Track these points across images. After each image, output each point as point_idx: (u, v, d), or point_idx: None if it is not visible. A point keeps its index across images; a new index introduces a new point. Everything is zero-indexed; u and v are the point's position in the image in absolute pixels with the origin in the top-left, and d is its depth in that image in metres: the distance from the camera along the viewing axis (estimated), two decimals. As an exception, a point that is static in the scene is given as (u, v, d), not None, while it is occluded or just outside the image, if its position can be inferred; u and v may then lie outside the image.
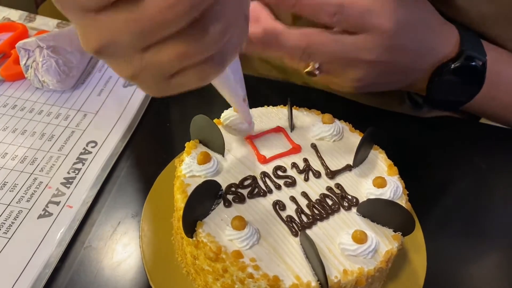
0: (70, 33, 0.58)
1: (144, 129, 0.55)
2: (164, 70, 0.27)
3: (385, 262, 0.36)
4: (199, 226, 0.37)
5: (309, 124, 0.47)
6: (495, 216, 0.52)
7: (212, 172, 0.40)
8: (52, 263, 0.40)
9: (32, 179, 0.47)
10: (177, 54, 0.25)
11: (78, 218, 0.44)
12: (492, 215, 0.52)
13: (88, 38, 0.25)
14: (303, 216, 0.39)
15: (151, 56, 0.25)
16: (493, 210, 0.53)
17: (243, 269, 0.34)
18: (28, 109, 0.54)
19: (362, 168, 0.44)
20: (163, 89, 0.28)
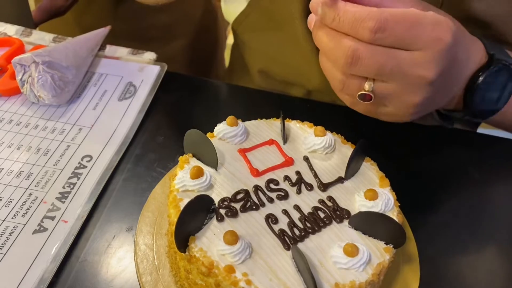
0: (66, 48, 0.59)
1: (139, 143, 0.55)
2: None
3: (376, 275, 0.37)
4: (191, 240, 0.37)
5: (302, 136, 0.47)
6: (488, 225, 0.52)
7: (205, 187, 0.41)
8: (47, 278, 0.41)
9: (27, 194, 0.47)
10: None
11: (73, 233, 0.44)
12: (485, 225, 0.52)
13: None
14: (295, 229, 0.39)
15: None
16: (487, 220, 0.53)
17: (235, 284, 0.35)
18: (24, 124, 0.55)
19: (354, 180, 0.44)
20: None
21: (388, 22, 0.38)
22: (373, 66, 0.40)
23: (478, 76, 0.48)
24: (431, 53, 0.40)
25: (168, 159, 0.53)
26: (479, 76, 0.48)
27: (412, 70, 0.40)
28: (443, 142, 0.62)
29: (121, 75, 0.63)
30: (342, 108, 0.61)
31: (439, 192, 0.55)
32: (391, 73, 0.40)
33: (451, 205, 0.55)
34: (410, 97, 0.42)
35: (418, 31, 0.39)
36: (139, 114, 0.58)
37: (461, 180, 0.57)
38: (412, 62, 0.40)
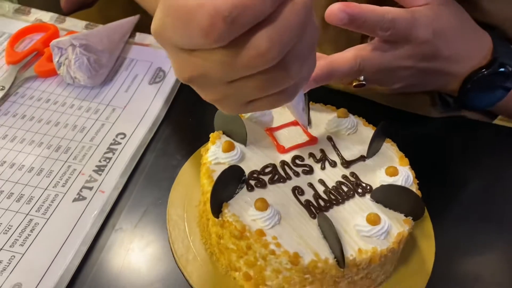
0: (100, 33, 0.62)
1: (169, 123, 0.58)
2: (244, 99, 0.30)
3: (397, 243, 0.39)
4: (224, 207, 0.40)
5: (325, 118, 0.50)
6: (505, 210, 0.55)
7: (236, 160, 0.44)
8: (87, 242, 0.44)
9: (66, 166, 0.50)
10: (259, 87, 0.29)
11: (110, 202, 0.47)
12: (502, 210, 0.54)
13: (181, 70, 0.29)
14: (320, 200, 0.42)
15: (235, 87, 0.29)
16: (504, 205, 0.55)
17: (266, 246, 0.37)
18: (60, 103, 0.58)
19: (375, 159, 0.47)
20: (239, 111, 0.32)
21: (395, 22, 0.47)
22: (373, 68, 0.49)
23: (474, 75, 0.54)
24: (411, 47, 0.49)
25: (196, 139, 0.56)
26: (474, 75, 0.54)
27: (396, 62, 0.50)
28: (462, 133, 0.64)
29: (151, 61, 0.66)
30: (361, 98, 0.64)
31: (456, 179, 0.58)
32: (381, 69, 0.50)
33: (467, 191, 0.57)
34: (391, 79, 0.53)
35: (412, 29, 0.48)
36: (168, 97, 0.61)
37: (480, 169, 0.59)
38: (396, 56, 0.49)
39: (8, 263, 0.41)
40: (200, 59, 0.27)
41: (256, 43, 0.26)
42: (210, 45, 0.26)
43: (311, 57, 0.31)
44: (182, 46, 0.27)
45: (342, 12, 0.44)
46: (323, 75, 0.46)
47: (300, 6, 0.27)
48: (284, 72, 0.28)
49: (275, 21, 0.26)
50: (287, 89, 0.30)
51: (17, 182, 0.48)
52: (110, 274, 0.43)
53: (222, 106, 0.32)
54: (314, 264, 0.37)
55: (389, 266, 0.43)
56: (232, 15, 0.25)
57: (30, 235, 0.44)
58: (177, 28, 0.26)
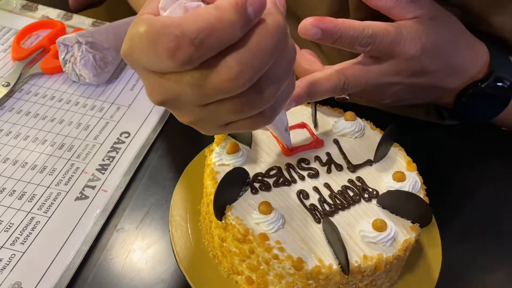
0: (107, 31, 0.61)
1: (174, 123, 0.57)
2: (221, 121, 0.30)
3: (403, 251, 0.38)
4: (228, 209, 0.39)
5: (332, 121, 0.49)
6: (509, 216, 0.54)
7: (240, 161, 0.43)
8: (89, 241, 0.43)
9: (69, 165, 0.50)
10: (234, 111, 0.28)
11: (112, 202, 0.47)
12: (508, 216, 0.53)
13: (152, 93, 0.28)
14: (325, 205, 0.41)
15: (210, 111, 0.29)
16: (509, 211, 0.54)
17: (269, 250, 0.37)
18: (65, 101, 0.58)
19: (382, 163, 0.46)
20: (217, 132, 0.32)
21: (376, 38, 0.45)
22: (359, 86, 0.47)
23: (470, 88, 0.52)
24: (397, 63, 0.47)
25: (201, 140, 0.55)
26: (470, 88, 0.52)
27: (382, 79, 0.48)
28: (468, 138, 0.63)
29: (157, 60, 0.65)
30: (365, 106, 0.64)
31: (463, 185, 0.57)
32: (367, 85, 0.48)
33: (474, 197, 0.56)
34: (379, 94, 0.51)
35: (394, 45, 0.46)
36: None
37: (486, 175, 0.58)
38: (382, 73, 0.48)
39: (8, 261, 0.41)
40: (171, 82, 0.27)
41: (226, 67, 0.26)
42: (177, 68, 0.25)
43: (287, 79, 0.30)
44: (151, 68, 0.27)
45: (314, 27, 0.42)
46: (304, 94, 0.44)
47: (272, 29, 0.26)
48: (259, 95, 0.28)
49: (246, 45, 0.26)
50: (264, 111, 0.30)
51: (19, 180, 0.48)
52: (111, 274, 0.42)
53: (199, 128, 0.31)
54: (318, 269, 0.36)
55: (394, 273, 0.42)
56: (199, 37, 0.24)
57: (31, 233, 0.43)
58: (144, 50, 0.25)
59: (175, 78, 0.26)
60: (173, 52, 0.24)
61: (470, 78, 0.52)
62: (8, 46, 0.65)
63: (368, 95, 0.52)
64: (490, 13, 0.51)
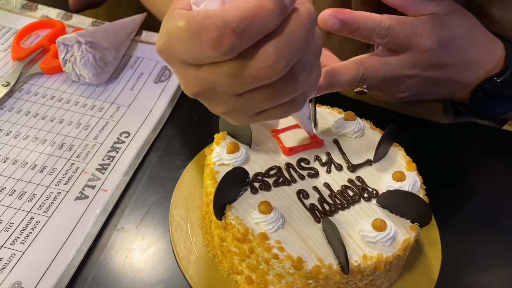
0: (106, 30, 0.61)
1: (174, 123, 0.58)
2: (254, 110, 0.31)
3: (402, 250, 0.38)
4: (228, 209, 0.39)
5: (332, 120, 0.49)
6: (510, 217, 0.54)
7: (240, 161, 0.43)
8: (89, 241, 0.43)
9: (69, 164, 0.50)
10: (268, 99, 0.29)
11: (112, 202, 0.47)
12: (508, 216, 0.53)
13: (188, 85, 0.29)
14: (325, 204, 0.41)
15: (244, 100, 0.29)
16: (509, 211, 0.54)
17: (269, 250, 0.37)
18: (65, 100, 0.58)
19: (382, 163, 0.46)
20: (249, 121, 0.32)
21: (393, 30, 0.46)
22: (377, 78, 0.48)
23: (486, 83, 0.52)
24: (414, 56, 0.48)
25: (201, 139, 0.55)
26: (486, 83, 0.52)
27: (399, 71, 0.49)
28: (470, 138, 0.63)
29: (157, 59, 0.65)
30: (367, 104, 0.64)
31: (462, 185, 0.57)
32: (384, 77, 0.48)
33: (474, 197, 0.56)
34: (396, 87, 0.51)
35: (411, 37, 0.46)
36: (173, 96, 0.60)
37: (486, 175, 0.58)
38: (399, 65, 0.48)
39: (8, 261, 0.41)
40: (208, 73, 0.27)
41: (264, 55, 0.26)
42: (219, 58, 0.26)
43: (317, 65, 0.31)
44: (190, 61, 0.27)
45: (333, 18, 0.44)
46: (324, 84, 0.45)
47: (305, 17, 0.27)
48: (292, 82, 0.29)
49: (282, 33, 0.26)
50: (296, 98, 0.30)
51: (19, 179, 0.48)
52: (110, 274, 0.42)
53: (232, 118, 0.32)
54: (318, 269, 0.36)
55: (394, 273, 0.42)
56: (241, 26, 0.25)
57: (31, 233, 0.43)
58: (184, 42, 0.26)
59: (212, 69, 0.27)
60: (216, 42, 0.25)
61: (486, 72, 0.52)
62: (8, 46, 0.65)
63: (385, 88, 0.52)
64: (491, 6, 0.52)
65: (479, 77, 0.52)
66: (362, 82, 0.48)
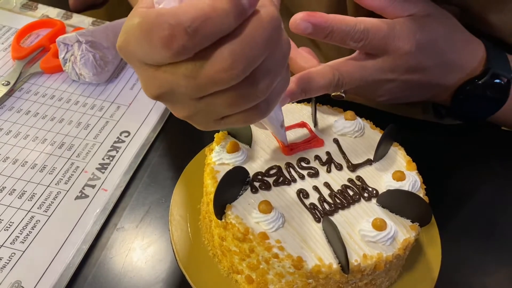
0: (106, 30, 0.61)
1: (174, 122, 0.58)
2: (216, 115, 0.30)
3: (402, 250, 0.38)
4: (228, 208, 0.39)
5: (332, 120, 0.49)
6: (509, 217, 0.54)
7: (240, 161, 0.43)
8: (89, 240, 0.43)
9: (69, 164, 0.50)
10: (229, 104, 0.28)
11: (112, 201, 0.47)
12: (508, 216, 0.54)
13: (148, 86, 0.28)
14: (325, 204, 0.41)
15: (205, 104, 0.29)
16: (508, 211, 0.54)
17: (269, 249, 0.37)
18: (65, 100, 0.58)
19: (382, 162, 0.46)
20: (212, 127, 0.32)
21: (369, 33, 0.45)
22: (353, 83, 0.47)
23: (467, 85, 0.52)
24: (392, 59, 0.47)
25: (201, 139, 0.56)
26: (467, 85, 0.52)
27: (377, 75, 0.48)
28: (468, 138, 0.63)
29: (157, 59, 0.65)
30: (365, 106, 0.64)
31: (462, 185, 0.57)
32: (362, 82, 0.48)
33: (473, 197, 0.56)
34: (374, 91, 0.51)
35: (387, 40, 0.46)
36: (173, 96, 0.60)
37: (485, 175, 0.58)
38: (376, 69, 0.47)
39: (8, 260, 0.41)
40: (166, 74, 0.27)
41: (220, 57, 0.26)
42: (173, 58, 0.25)
43: (282, 71, 0.30)
44: (147, 60, 0.27)
45: (304, 22, 0.42)
46: (298, 90, 0.44)
47: (266, 21, 0.26)
48: (253, 88, 0.28)
49: (239, 36, 0.26)
50: (259, 105, 0.30)
51: (19, 179, 0.48)
52: (111, 273, 0.42)
53: (194, 122, 0.32)
54: (318, 268, 0.36)
55: (394, 273, 0.42)
56: (193, 25, 0.24)
57: (31, 232, 0.43)
58: (139, 41, 0.26)
59: (170, 70, 0.27)
60: (167, 41, 0.24)
61: (466, 74, 0.52)
62: (8, 45, 0.65)
63: (363, 92, 0.52)
64: (489, 12, 0.51)
65: (460, 79, 0.52)
66: (337, 87, 0.47)
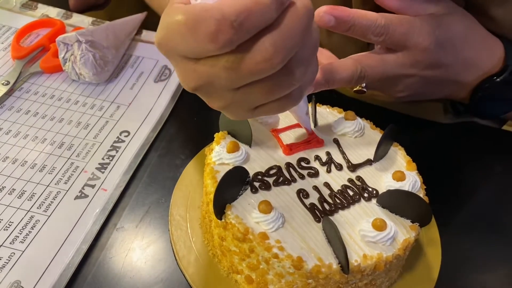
0: (106, 29, 0.61)
1: (174, 122, 0.58)
2: (251, 104, 0.31)
3: (402, 250, 0.38)
4: (228, 208, 0.39)
5: (332, 120, 0.49)
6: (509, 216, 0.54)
7: (240, 161, 0.43)
8: (88, 240, 0.43)
9: (69, 163, 0.50)
10: (265, 93, 0.29)
11: (112, 201, 0.47)
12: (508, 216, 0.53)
13: (187, 79, 0.29)
14: (325, 204, 0.41)
15: (242, 94, 0.29)
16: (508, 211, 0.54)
17: (269, 249, 0.37)
18: (65, 99, 0.58)
19: (382, 163, 0.46)
20: (247, 116, 0.33)
21: (389, 28, 0.45)
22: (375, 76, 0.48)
23: (485, 82, 0.52)
24: (411, 55, 0.48)
25: (201, 139, 0.55)
26: (485, 83, 0.52)
27: (397, 70, 0.48)
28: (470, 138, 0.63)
29: (157, 59, 0.65)
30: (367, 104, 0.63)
31: (463, 185, 0.57)
32: (382, 76, 0.48)
33: (473, 197, 0.56)
34: (394, 87, 0.51)
35: (407, 36, 0.46)
36: (174, 95, 0.60)
37: (486, 174, 0.58)
38: (396, 64, 0.48)
39: (7, 260, 0.41)
40: (206, 67, 0.27)
41: (261, 48, 0.27)
42: (217, 51, 0.26)
43: (313, 60, 0.31)
44: (188, 54, 0.27)
45: (328, 15, 0.44)
46: (322, 81, 0.45)
47: (302, 11, 0.27)
48: (289, 76, 0.29)
49: (279, 27, 0.27)
50: (293, 93, 0.31)
51: (19, 178, 0.48)
52: (110, 273, 0.42)
53: (230, 112, 0.32)
54: (318, 269, 0.36)
55: (394, 273, 0.42)
56: (239, 19, 0.25)
57: (31, 232, 0.43)
58: (183, 36, 0.26)
59: (210, 63, 0.27)
60: (214, 35, 0.25)
61: (485, 72, 0.52)
62: (7, 45, 0.65)
63: (383, 88, 0.52)
64: (491, 5, 0.52)
65: (478, 76, 0.52)
66: (359, 80, 0.48)
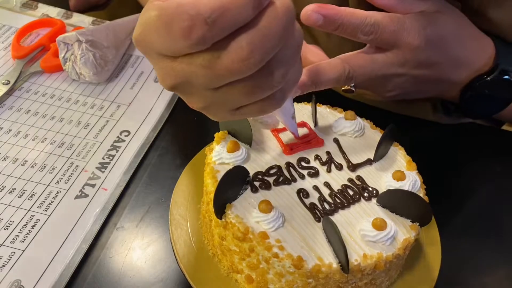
0: (107, 29, 0.61)
1: (174, 122, 0.58)
2: (232, 105, 0.30)
3: (402, 250, 0.38)
4: (228, 208, 0.39)
5: (332, 120, 0.49)
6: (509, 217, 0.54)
7: (240, 160, 0.43)
8: (89, 239, 0.43)
9: (69, 163, 0.50)
10: (245, 94, 0.29)
11: (112, 200, 0.47)
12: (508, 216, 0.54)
13: (164, 77, 0.29)
14: (325, 204, 0.41)
15: (221, 94, 0.29)
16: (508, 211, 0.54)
17: (269, 249, 0.37)
18: (65, 99, 0.58)
19: (382, 162, 0.46)
20: (227, 117, 0.32)
21: (379, 27, 0.45)
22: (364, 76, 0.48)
23: (475, 81, 0.52)
24: (401, 53, 0.47)
25: (201, 138, 0.55)
26: (476, 82, 0.52)
27: (386, 69, 0.48)
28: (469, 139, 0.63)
29: (157, 58, 0.65)
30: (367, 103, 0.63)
31: (462, 186, 0.57)
32: (371, 75, 0.48)
33: (473, 197, 0.56)
34: (384, 86, 0.51)
35: (397, 35, 0.46)
36: (174, 95, 0.60)
37: (486, 175, 0.58)
38: (386, 63, 0.48)
39: (8, 259, 0.41)
40: (183, 65, 0.27)
41: (237, 47, 0.26)
42: (192, 48, 0.26)
43: (296, 62, 0.31)
44: (164, 52, 0.27)
45: (315, 13, 0.43)
46: (308, 82, 0.45)
47: (281, 11, 0.27)
48: (269, 77, 0.28)
49: (256, 26, 0.26)
50: (274, 94, 0.30)
51: (19, 178, 0.48)
52: (110, 273, 0.42)
53: (210, 113, 0.32)
54: (318, 268, 0.36)
55: (394, 272, 0.42)
56: (213, 16, 0.25)
57: (31, 231, 0.43)
58: (158, 33, 0.26)
59: (187, 61, 0.27)
60: (187, 31, 0.25)
61: (475, 71, 0.52)
62: (8, 45, 0.65)
63: (373, 87, 0.52)
64: (488, 7, 0.52)
65: (469, 75, 0.52)
66: (347, 81, 0.47)
